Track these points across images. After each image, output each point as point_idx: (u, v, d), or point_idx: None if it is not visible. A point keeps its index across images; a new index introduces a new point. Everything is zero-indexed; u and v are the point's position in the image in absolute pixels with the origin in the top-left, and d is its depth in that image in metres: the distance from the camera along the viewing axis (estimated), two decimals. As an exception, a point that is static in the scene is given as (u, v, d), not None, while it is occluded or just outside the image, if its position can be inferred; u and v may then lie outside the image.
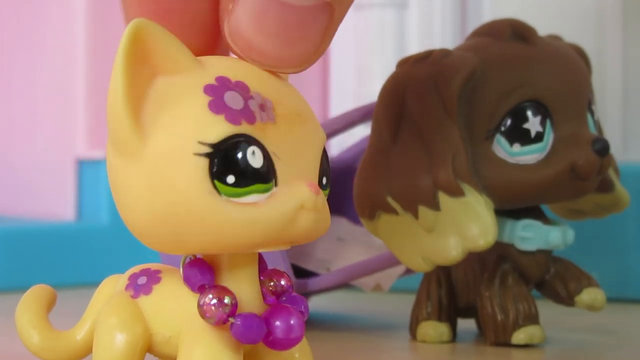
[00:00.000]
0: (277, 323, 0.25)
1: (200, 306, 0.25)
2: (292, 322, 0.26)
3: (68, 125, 0.73)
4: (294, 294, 0.27)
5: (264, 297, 0.27)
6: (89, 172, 0.71)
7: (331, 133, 0.43)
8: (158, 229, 0.25)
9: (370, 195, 0.37)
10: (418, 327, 0.40)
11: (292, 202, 0.24)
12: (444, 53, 0.36)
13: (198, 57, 0.25)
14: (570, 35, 0.41)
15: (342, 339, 0.41)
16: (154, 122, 0.24)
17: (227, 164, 0.24)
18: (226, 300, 0.25)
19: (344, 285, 0.45)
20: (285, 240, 0.25)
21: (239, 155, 0.24)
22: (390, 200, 0.36)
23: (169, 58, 0.24)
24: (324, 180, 0.26)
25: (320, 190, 0.25)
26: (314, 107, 0.69)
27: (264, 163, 0.24)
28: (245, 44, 0.25)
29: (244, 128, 0.24)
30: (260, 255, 0.27)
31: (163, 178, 0.24)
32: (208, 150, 0.24)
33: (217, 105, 0.24)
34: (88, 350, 0.29)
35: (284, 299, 0.27)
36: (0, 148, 0.78)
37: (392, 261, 0.40)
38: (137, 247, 0.31)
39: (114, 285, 0.29)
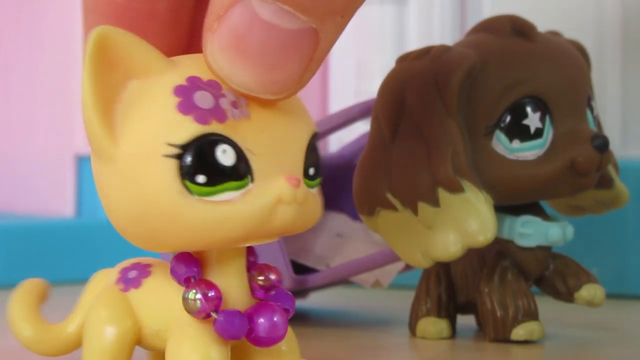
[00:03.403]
0: (261, 320, 0.26)
1: (185, 300, 0.25)
2: (275, 319, 0.26)
3: (67, 122, 0.73)
4: (282, 290, 0.27)
5: (254, 292, 0.27)
6: (88, 168, 0.71)
7: (330, 129, 0.43)
8: (136, 229, 0.25)
9: (370, 192, 0.37)
10: (417, 323, 0.40)
11: (268, 197, 0.25)
12: (443, 49, 0.36)
13: (173, 58, 0.26)
14: (570, 34, 0.41)
15: (341, 335, 0.41)
16: (124, 125, 0.25)
17: (197, 164, 0.24)
18: (210, 294, 0.25)
19: (344, 281, 0.45)
20: (265, 234, 0.25)
21: (209, 154, 0.24)
22: (389, 196, 0.36)
23: (139, 62, 0.25)
24: (311, 171, 0.26)
25: (302, 183, 0.25)
26: (314, 103, 0.69)
27: (236, 160, 0.24)
28: (226, 65, 0.24)
29: (214, 127, 0.24)
30: (252, 248, 0.27)
31: (135, 180, 0.24)
32: (177, 151, 0.24)
33: (186, 106, 0.24)
34: (79, 343, 0.29)
35: (272, 293, 0.27)
36: (-1, 145, 0.78)
37: (391, 257, 0.40)
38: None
39: (104, 279, 0.29)
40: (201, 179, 0.24)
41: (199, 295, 0.25)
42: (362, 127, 0.53)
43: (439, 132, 0.35)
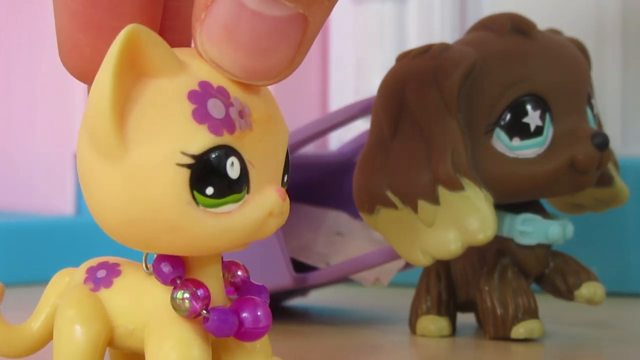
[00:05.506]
0: (245, 315, 0.26)
1: (173, 299, 0.25)
2: (259, 313, 0.26)
3: (66, 120, 0.73)
4: (252, 282, 0.27)
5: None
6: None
7: (331, 127, 0.43)
8: (130, 231, 0.25)
9: (370, 190, 0.37)
10: (418, 321, 0.40)
11: (262, 209, 0.25)
12: (443, 47, 0.36)
13: (179, 54, 0.25)
14: (570, 32, 0.41)
15: (342, 333, 0.41)
16: (137, 128, 0.24)
17: (208, 175, 0.24)
18: (199, 293, 0.25)
19: (344, 279, 0.45)
20: (249, 241, 0.25)
21: (220, 167, 0.24)
22: (389, 194, 0.36)
23: (156, 61, 0.24)
24: (285, 178, 0.26)
25: (286, 195, 0.25)
26: (314, 102, 0.69)
27: (240, 173, 0.24)
28: (217, 54, 0.24)
29: (225, 139, 0.24)
30: None
31: (143, 185, 0.24)
32: (190, 161, 0.24)
33: (201, 114, 0.24)
34: (43, 343, 0.29)
35: (241, 288, 0.27)
36: (-1, 143, 0.78)
37: (391, 255, 0.40)
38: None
39: (67, 278, 0.29)
40: (209, 190, 0.24)
41: (187, 295, 0.25)
42: (362, 125, 0.53)
43: (438, 130, 0.35)
